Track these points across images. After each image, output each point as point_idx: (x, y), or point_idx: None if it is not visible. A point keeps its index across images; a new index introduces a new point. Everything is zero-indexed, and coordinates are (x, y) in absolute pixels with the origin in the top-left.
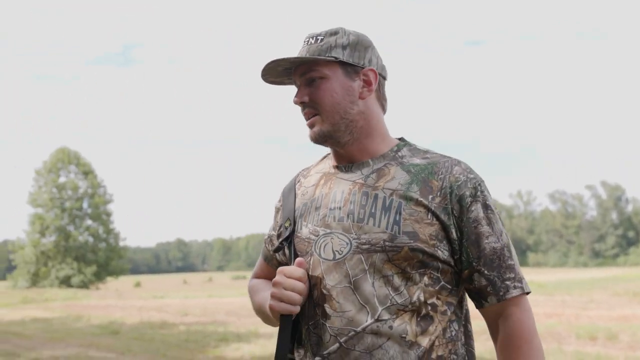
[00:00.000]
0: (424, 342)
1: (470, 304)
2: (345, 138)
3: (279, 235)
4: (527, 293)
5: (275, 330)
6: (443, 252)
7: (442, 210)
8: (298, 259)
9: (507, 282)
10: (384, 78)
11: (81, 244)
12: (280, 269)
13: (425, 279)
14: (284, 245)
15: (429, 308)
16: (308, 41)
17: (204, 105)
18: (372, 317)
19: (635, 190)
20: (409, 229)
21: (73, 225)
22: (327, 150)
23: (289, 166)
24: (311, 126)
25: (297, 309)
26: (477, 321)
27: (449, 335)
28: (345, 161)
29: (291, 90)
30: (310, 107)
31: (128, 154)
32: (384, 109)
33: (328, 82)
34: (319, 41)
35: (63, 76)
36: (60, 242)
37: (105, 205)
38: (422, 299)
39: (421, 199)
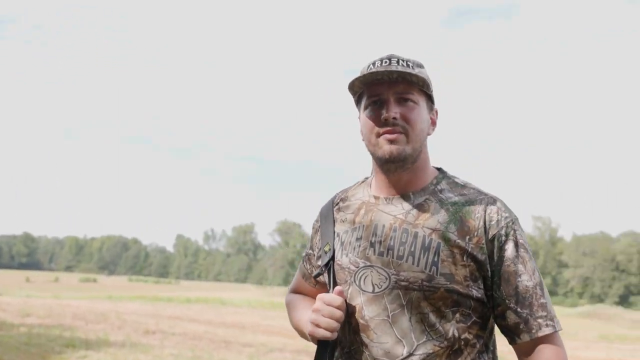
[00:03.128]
0: None
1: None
2: (410, 164)
3: (318, 258)
4: (559, 331)
5: (127, 339)
6: (477, 291)
7: (478, 251)
8: (337, 288)
9: (539, 320)
10: None
11: None
12: (319, 296)
13: (458, 315)
14: (324, 271)
15: (462, 343)
16: (398, 62)
17: (70, 95)
18: (408, 351)
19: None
20: (446, 271)
21: None
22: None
23: (154, 168)
24: (393, 142)
25: (334, 335)
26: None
27: None
28: (387, 191)
29: (153, 89)
30: (399, 125)
31: None
32: None
33: (419, 109)
34: (410, 67)
35: None
36: None
37: None
38: (456, 334)
39: (458, 241)
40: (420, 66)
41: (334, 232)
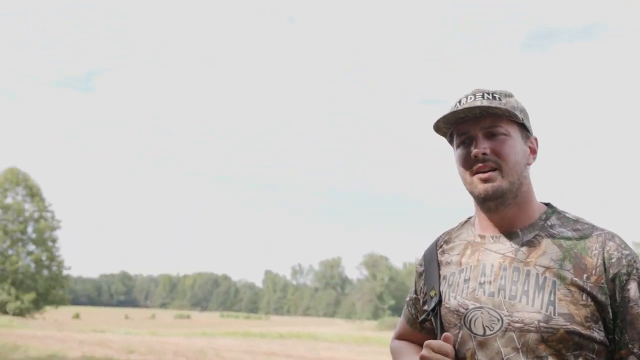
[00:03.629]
0: None
1: None
2: (511, 199)
3: (424, 303)
4: None
5: None
6: (599, 334)
7: (598, 290)
8: (445, 335)
9: None
10: None
11: (20, 269)
12: (427, 343)
13: None
14: (431, 316)
15: None
16: (483, 96)
17: (160, 137)
18: None
19: None
20: (564, 311)
21: (14, 249)
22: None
23: (239, 206)
24: (487, 180)
25: None
26: None
27: None
28: (493, 230)
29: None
30: (491, 160)
31: (81, 180)
32: None
33: (512, 140)
34: (497, 99)
35: (20, 94)
36: None
37: (52, 231)
38: None
39: (576, 279)
40: (509, 95)
41: (439, 276)
